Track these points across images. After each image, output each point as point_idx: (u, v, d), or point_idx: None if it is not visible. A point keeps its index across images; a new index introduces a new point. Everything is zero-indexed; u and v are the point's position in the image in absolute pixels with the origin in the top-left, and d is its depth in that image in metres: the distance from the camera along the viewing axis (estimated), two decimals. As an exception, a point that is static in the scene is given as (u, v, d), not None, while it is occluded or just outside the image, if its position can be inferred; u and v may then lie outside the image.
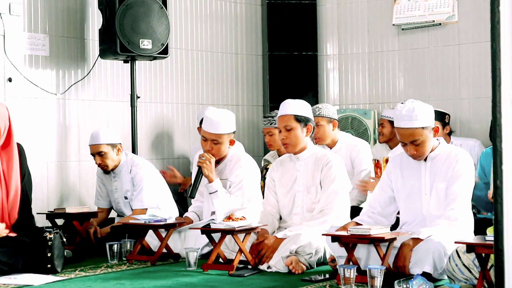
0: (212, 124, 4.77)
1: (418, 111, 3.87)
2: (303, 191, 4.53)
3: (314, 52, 7.21)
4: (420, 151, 3.91)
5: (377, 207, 4.15)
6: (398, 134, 3.96)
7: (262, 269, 4.22)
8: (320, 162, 4.50)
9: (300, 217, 4.50)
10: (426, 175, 3.99)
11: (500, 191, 1.77)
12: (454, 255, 3.50)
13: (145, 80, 6.42)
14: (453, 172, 3.91)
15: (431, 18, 6.60)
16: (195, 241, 4.72)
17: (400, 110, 3.91)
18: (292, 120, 4.48)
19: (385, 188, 4.15)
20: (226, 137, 4.80)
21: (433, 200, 3.96)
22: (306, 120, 4.50)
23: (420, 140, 3.87)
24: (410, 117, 3.86)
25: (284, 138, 4.50)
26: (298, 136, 4.49)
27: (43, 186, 5.75)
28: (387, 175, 4.16)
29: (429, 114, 3.92)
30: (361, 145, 5.49)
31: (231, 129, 4.83)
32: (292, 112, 4.50)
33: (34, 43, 5.73)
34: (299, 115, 4.49)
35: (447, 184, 3.92)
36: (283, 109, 4.55)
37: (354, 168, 5.43)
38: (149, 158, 6.16)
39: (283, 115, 4.52)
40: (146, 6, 5.75)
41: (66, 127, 5.93)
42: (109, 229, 5.17)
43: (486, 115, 6.25)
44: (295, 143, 4.50)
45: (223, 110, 4.96)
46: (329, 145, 5.52)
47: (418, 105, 3.91)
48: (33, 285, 3.85)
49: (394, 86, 6.97)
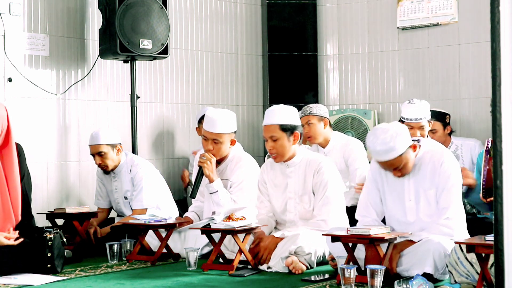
0: (213, 123, 4.74)
1: (393, 141, 3.74)
2: (295, 199, 4.48)
3: (314, 52, 7.21)
4: (404, 171, 3.89)
5: (372, 213, 4.09)
6: (378, 164, 3.92)
7: (262, 269, 4.23)
8: (311, 168, 4.43)
9: (293, 225, 4.47)
10: (409, 181, 3.95)
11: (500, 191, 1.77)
12: (457, 248, 3.49)
13: (145, 80, 6.42)
14: (440, 178, 3.87)
15: (435, 20, 6.61)
16: (195, 241, 4.72)
17: (374, 145, 3.77)
18: (278, 130, 4.39)
19: (373, 188, 4.10)
20: (227, 137, 4.78)
21: (424, 207, 3.92)
22: (292, 128, 4.41)
23: (402, 164, 3.85)
24: (386, 151, 3.76)
25: (271, 149, 4.43)
26: (285, 146, 4.41)
27: (43, 186, 5.75)
28: (372, 175, 4.11)
29: (403, 138, 3.78)
30: (353, 144, 5.47)
31: (232, 128, 4.81)
32: (277, 121, 4.41)
33: (34, 43, 5.73)
34: (285, 124, 4.40)
35: (436, 191, 3.89)
36: (268, 119, 4.45)
37: (349, 167, 5.42)
38: (149, 158, 6.16)
39: (268, 125, 4.43)
40: (146, 6, 5.75)
41: (66, 127, 5.93)
42: (109, 229, 5.17)
43: (486, 115, 6.25)
44: (282, 153, 4.43)
45: (224, 110, 4.93)
46: (321, 144, 5.51)
47: (391, 134, 3.75)
48: (33, 285, 3.84)
49: (394, 86, 6.97)
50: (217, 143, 4.75)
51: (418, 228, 3.91)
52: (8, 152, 4.12)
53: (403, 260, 3.77)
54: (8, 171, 4.09)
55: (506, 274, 1.77)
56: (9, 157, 4.11)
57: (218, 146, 4.76)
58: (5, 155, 4.12)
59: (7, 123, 4.13)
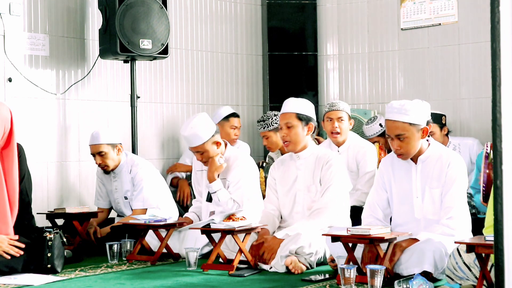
0: (189, 140, 4.78)
1: (410, 107, 3.84)
2: (304, 190, 4.54)
3: (314, 52, 7.21)
4: (404, 148, 3.88)
5: (379, 212, 4.11)
6: (386, 127, 3.95)
7: (263, 269, 4.23)
8: (320, 161, 4.50)
9: (301, 216, 4.51)
10: (417, 178, 3.96)
11: (500, 191, 1.77)
12: (455, 253, 3.50)
13: (145, 80, 6.42)
14: (446, 178, 3.88)
15: (437, 21, 6.61)
16: (195, 241, 4.72)
17: (392, 103, 3.91)
18: (294, 118, 4.49)
19: (380, 190, 4.13)
20: (208, 143, 4.78)
21: (428, 205, 3.94)
22: (307, 119, 4.52)
23: (405, 135, 3.84)
24: (399, 110, 3.84)
25: (285, 136, 4.52)
26: (299, 134, 4.50)
27: (43, 186, 5.75)
28: (380, 176, 4.15)
29: (421, 114, 3.87)
30: (367, 147, 5.50)
31: (208, 134, 4.76)
32: (294, 110, 4.51)
33: (34, 43, 5.73)
34: (301, 114, 4.50)
35: (442, 191, 3.90)
36: (286, 107, 4.56)
37: (359, 169, 5.45)
38: (149, 158, 6.15)
39: (285, 113, 4.54)
40: (146, 6, 5.75)
41: (66, 127, 5.93)
42: (109, 229, 5.17)
43: (486, 115, 6.25)
44: (296, 141, 4.51)
45: (194, 120, 4.79)
46: (338, 143, 5.54)
47: (414, 102, 3.89)
48: (33, 285, 3.85)
49: (394, 86, 6.97)
50: (203, 152, 4.79)
51: (425, 225, 3.92)
52: (9, 153, 4.12)
53: (403, 258, 3.78)
54: (8, 173, 4.09)
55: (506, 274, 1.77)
56: (10, 159, 4.11)
57: (205, 155, 4.80)
58: (5, 156, 4.12)
59: (10, 125, 4.13)
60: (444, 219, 3.85)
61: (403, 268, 3.75)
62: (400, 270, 3.75)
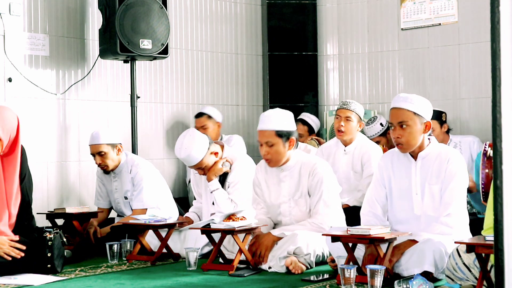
0: (186, 161, 4.80)
1: (416, 99, 3.89)
2: (289, 203, 4.45)
3: (314, 52, 7.21)
4: (405, 137, 3.87)
5: (378, 208, 4.10)
6: (390, 117, 3.96)
7: (263, 269, 4.22)
8: (306, 170, 4.39)
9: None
10: (416, 175, 3.97)
11: (500, 191, 1.77)
12: (455, 254, 3.50)
13: (145, 80, 6.42)
14: (446, 174, 3.89)
15: (437, 21, 6.61)
16: (195, 241, 4.72)
17: (399, 94, 3.96)
18: (273, 136, 4.33)
19: (379, 186, 4.12)
20: (206, 158, 4.78)
21: (427, 202, 3.94)
22: (288, 134, 4.35)
23: (407, 123, 3.84)
24: (405, 99, 3.88)
25: (266, 154, 4.37)
26: (280, 152, 4.35)
27: (43, 186, 5.75)
28: (380, 172, 4.13)
29: (426, 108, 3.91)
30: (373, 150, 5.47)
31: (203, 151, 4.76)
32: (273, 127, 4.34)
33: (34, 43, 5.73)
34: (281, 130, 4.33)
35: (441, 187, 3.90)
36: (263, 124, 4.38)
37: (363, 171, 5.43)
38: (149, 158, 6.15)
39: (263, 130, 4.37)
40: (146, 6, 5.75)
41: (66, 127, 5.93)
42: (109, 229, 5.17)
43: (486, 115, 6.25)
44: (277, 159, 4.38)
45: (185, 141, 4.79)
46: (345, 142, 5.53)
47: (420, 96, 3.94)
48: (33, 285, 3.84)
49: (394, 86, 6.97)
50: (203, 168, 4.81)
51: (425, 222, 3.92)
52: (11, 160, 4.11)
53: (403, 258, 3.77)
54: (8, 179, 4.08)
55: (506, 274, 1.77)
56: (11, 166, 4.10)
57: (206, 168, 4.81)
58: (7, 162, 4.11)
59: (16, 133, 4.11)
60: (443, 216, 3.85)
61: (403, 269, 3.75)
62: (400, 271, 3.75)
